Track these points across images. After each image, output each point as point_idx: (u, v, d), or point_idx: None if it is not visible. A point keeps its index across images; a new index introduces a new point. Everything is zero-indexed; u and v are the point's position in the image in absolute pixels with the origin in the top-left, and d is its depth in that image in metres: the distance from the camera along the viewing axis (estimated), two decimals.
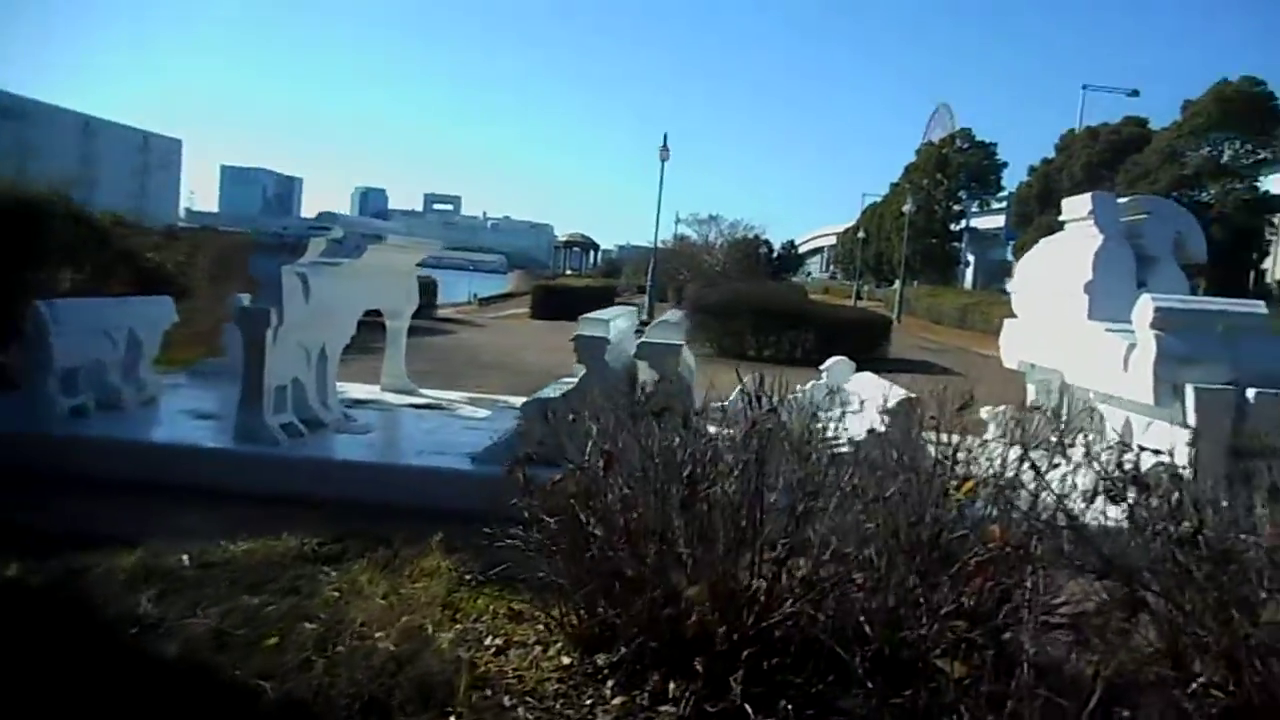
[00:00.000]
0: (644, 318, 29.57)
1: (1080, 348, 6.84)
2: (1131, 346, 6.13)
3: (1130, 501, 2.87)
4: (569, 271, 58.44)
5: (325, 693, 2.86)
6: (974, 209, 60.61)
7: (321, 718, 2.75)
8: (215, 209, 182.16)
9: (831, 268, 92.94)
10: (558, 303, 26.27)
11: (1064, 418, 8.02)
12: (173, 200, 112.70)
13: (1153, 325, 5.96)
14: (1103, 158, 38.27)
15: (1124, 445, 3.26)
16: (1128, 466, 3.00)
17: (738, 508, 3.22)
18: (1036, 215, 43.29)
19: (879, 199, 67.36)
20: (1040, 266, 8.03)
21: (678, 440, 3.45)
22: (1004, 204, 55.48)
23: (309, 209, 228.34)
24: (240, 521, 4.65)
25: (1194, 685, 2.45)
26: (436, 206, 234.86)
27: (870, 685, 2.70)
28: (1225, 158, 32.74)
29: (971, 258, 64.86)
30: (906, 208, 41.01)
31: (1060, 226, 7.95)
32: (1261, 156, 32.38)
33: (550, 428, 3.98)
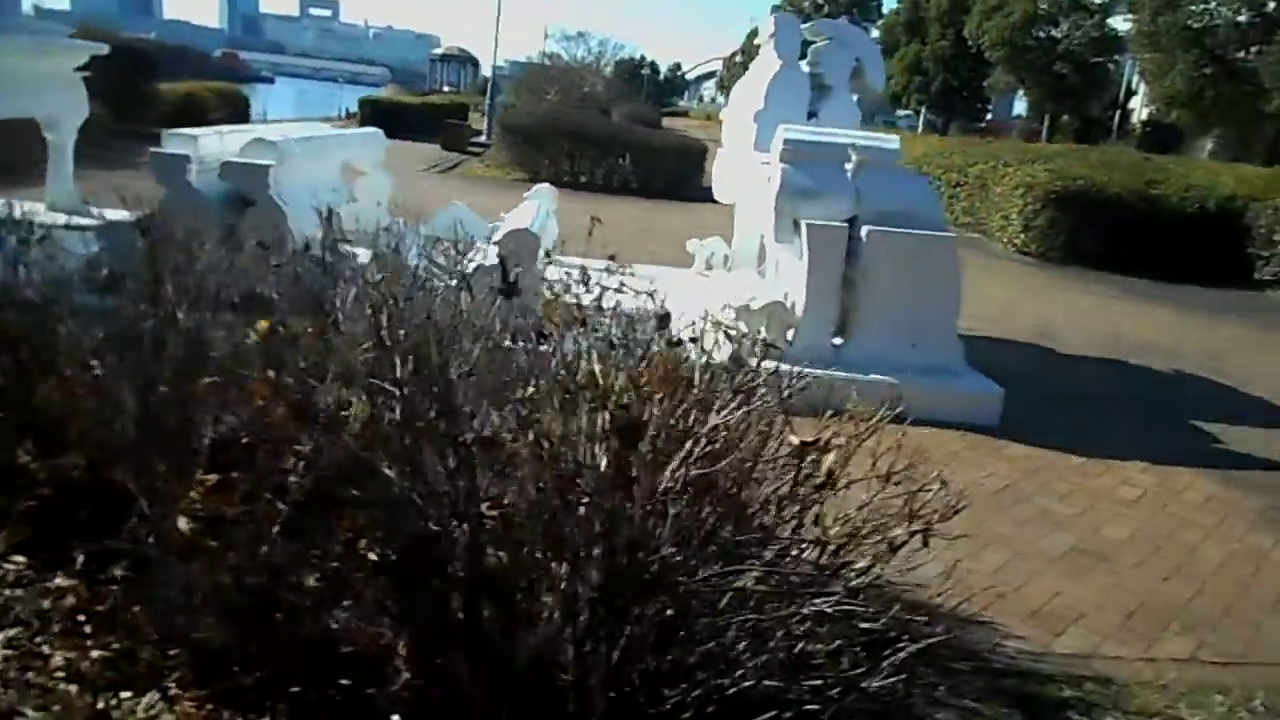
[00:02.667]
0: (486, 140, 28.45)
1: (745, 180, 6.67)
2: (770, 179, 5.97)
3: None
4: (445, 88, 55.30)
5: None
6: None
7: None
8: (67, 6, 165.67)
9: (718, 93, 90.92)
10: (387, 121, 25.09)
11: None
12: None
13: (781, 158, 5.79)
14: None
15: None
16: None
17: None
18: (903, 45, 42.77)
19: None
20: (739, 93, 7.73)
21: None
22: None
23: (172, 10, 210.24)
24: None
25: None
26: (313, 11, 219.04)
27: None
28: None
29: None
30: (758, 40, 39.78)
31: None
32: None
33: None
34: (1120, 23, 30.62)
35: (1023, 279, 11.94)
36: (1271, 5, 23.10)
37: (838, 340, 5.86)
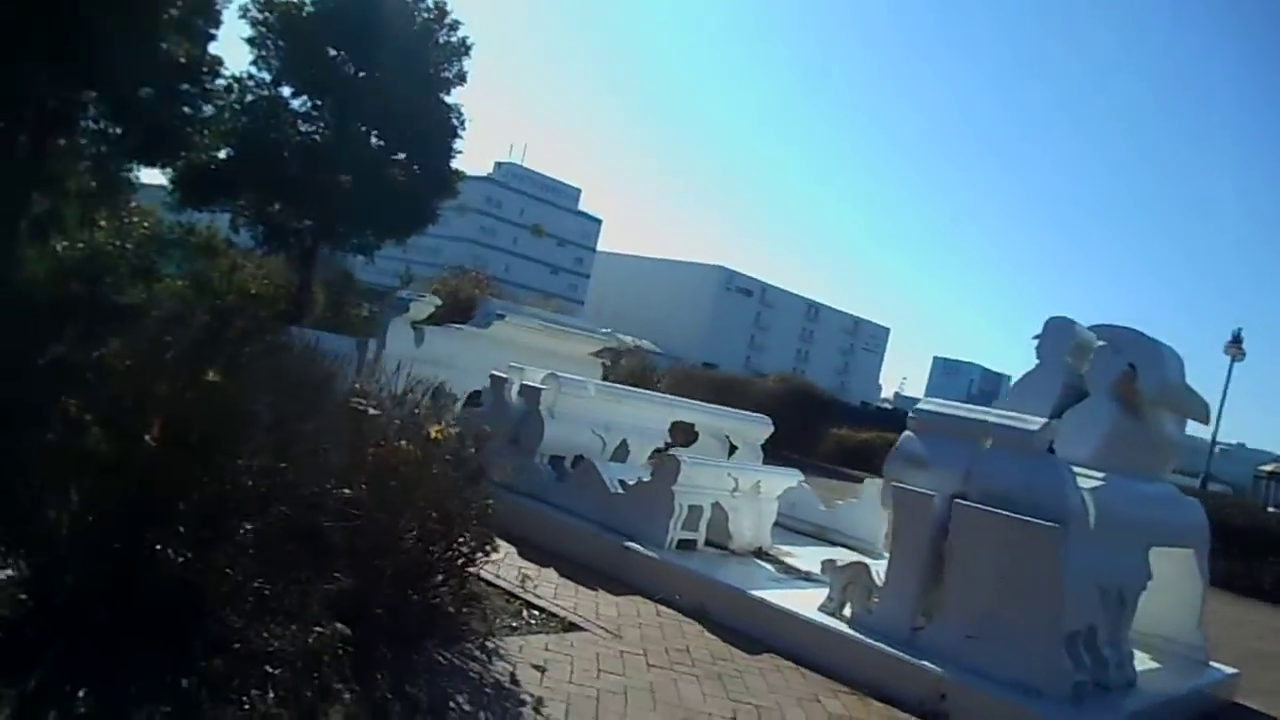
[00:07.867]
0: None
1: None
2: None
3: None
4: (1270, 508, 50.15)
5: None
6: None
7: None
8: (920, 395, 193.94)
9: None
10: None
11: None
12: (872, 381, 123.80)
13: (909, 427, 5.68)
14: None
15: None
16: None
17: None
18: None
19: None
20: None
21: None
22: None
23: (1011, 404, 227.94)
24: None
25: None
26: None
27: None
28: None
29: None
30: None
31: None
32: None
33: None
34: None
35: None
36: None
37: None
